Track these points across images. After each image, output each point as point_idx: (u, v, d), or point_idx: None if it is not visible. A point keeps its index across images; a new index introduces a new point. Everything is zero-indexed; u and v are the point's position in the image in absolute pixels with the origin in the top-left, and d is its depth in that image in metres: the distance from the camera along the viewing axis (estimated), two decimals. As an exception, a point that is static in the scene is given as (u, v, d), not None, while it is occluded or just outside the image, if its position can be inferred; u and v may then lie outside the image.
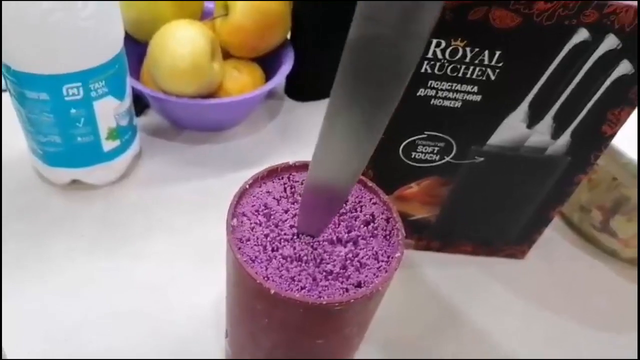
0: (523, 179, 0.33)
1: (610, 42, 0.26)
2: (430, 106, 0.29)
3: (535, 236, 0.38)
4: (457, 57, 0.27)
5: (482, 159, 0.32)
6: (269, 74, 0.46)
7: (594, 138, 0.31)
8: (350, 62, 0.17)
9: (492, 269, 0.39)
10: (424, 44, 0.16)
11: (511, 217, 0.36)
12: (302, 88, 0.50)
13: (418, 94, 0.28)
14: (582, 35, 0.26)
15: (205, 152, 0.44)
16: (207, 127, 0.45)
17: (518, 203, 0.35)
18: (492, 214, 0.36)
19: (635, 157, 0.34)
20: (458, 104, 0.29)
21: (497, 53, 0.27)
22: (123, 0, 0.40)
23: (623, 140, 0.34)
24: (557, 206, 0.35)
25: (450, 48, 0.26)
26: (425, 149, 0.32)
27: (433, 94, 0.29)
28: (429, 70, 0.27)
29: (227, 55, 0.44)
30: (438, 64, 0.27)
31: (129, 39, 0.42)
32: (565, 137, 0.31)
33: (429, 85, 0.28)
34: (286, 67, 0.44)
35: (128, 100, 0.37)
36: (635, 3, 0.25)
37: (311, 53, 0.48)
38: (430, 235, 0.38)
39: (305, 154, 0.46)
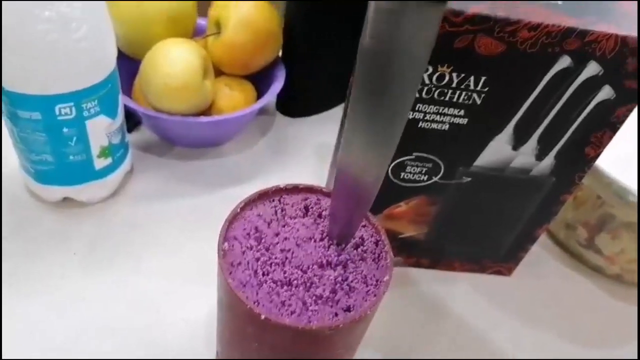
0: (509, 198, 0.34)
1: (592, 68, 0.27)
2: (418, 129, 0.30)
3: (521, 254, 0.38)
4: (444, 82, 0.27)
5: (469, 179, 0.33)
6: (260, 91, 0.46)
7: (577, 159, 0.31)
8: (361, 74, 0.19)
9: (480, 285, 0.39)
10: (428, 51, 0.18)
11: (498, 236, 0.37)
12: (293, 104, 0.51)
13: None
14: (564, 62, 0.26)
15: (197, 168, 0.44)
16: (199, 143, 0.45)
17: (505, 222, 0.35)
18: (479, 232, 0.36)
19: (618, 177, 0.35)
20: (445, 127, 0.30)
21: (483, 78, 0.27)
22: (116, 19, 0.41)
23: (606, 160, 0.35)
24: (543, 225, 0.36)
25: (437, 74, 0.27)
26: (414, 170, 0.32)
27: (421, 117, 0.29)
28: (417, 95, 0.28)
29: (219, 72, 0.45)
30: (425, 88, 0.28)
31: (122, 56, 0.43)
32: (549, 159, 0.31)
33: (417, 108, 0.29)
34: (277, 85, 0.45)
35: (120, 118, 0.37)
36: (617, 31, 0.26)
37: (302, 70, 0.48)
38: (419, 252, 0.38)
39: (296, 170, 0.47)
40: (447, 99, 0.28)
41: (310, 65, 0.48)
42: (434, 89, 0.28)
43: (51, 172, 0.36)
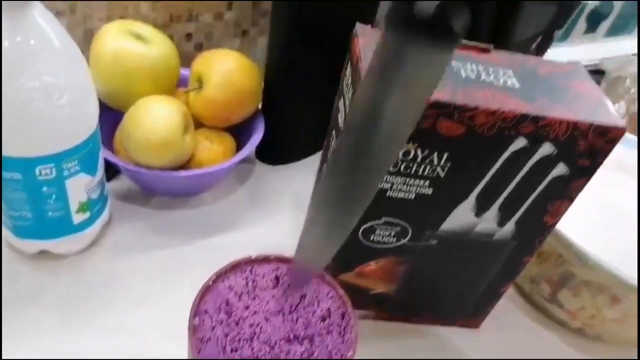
0: (474, 259, 0.35)
1: (547, 148, 0.29)
2: (386, 197, 0.31)
3: (488, 309, 0.40)
4: (410, 157, 0.29)
5: (435, 241, 0.34)
6: (240, 141, 0.48)
7: (537, 226, 0.33)
8: (343, 148, 0.20)
9: (449, 337, 0.40)
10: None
11: (464, 293, 0.38)
12: (273, 153, 0.52)
13: (375, 187, 0.31)
14: (520, 142, 0.28)
15: (176, 218, 0.45)
16: (179, 194, 0.46)
17: (471, 280, 0.37)
18: (446, 290, 0.38)
19: (577, 240, 0.37)
20: (412, 196, 0.31)
21: (445, 154, 0.29)
22: (98, 76, 0.42)
23: (567, 223, 0.37)
24: (507, 283, 0.37)
25: (404, 149, 0.29)
26: (383, 233, 0.34)
27: (389, 187, 0.31)
28: (384, 168, 0.30)
29: (199, 124, 0.46)
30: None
31: (104, 106, 0.44)
32: (510, 225, 0.33)
33: (385, 179, 0.30)
34: (257, 137, 0.46)
35: (100, 174, 0.38)
36: (569, 117, 0.28)
37: (282, 120, 0.50)
38: (390, 307, 0.39)
39: (275, 218, 0.48)
40: (412, 171, 0.30)
41: (289, 115, 0.50)
42: (400, 162, 0.29)
43: (29, 227, 0.36)
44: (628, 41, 0.89)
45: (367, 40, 0.30)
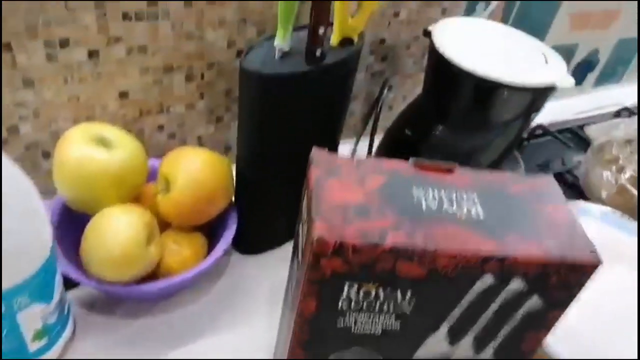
0: (453, 383, 0.33)
1: (516, 285, 0.27)
2: (352, 333, 0.29)
3: None
4: (372, 297, 0.27)
5: (411, 368, 0.32)
6: (213, 235, 0.46)
7: (516, 353, 0.31)
8: None
9: None
10: None
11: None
12: (248, 243, 0.50)
13: (338, 325, 0.29)
14: (487, 280, 0.26)
15: (144, 326, 0.43)
16: (147, 301, 0.44)
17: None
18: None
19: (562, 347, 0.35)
20: (378, 331, 0.29)
21: (409, 292, 0.27)
22: (62, 183, 0.41)
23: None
24: (492, 402, 0.35)
25: (363, 289, 0.27)
26: (353, 363, 0.31)
27: (353, 324, 0.29)
28: (345, 307, 0.28)
29: (168, 224, 0.44)
30: (353, 302, 0.27)
31: (70, 210, 0.42)
32: (489, 351, 0.31)
33: (347, 316, 0.28)
34: (229, 233, 0.45)
35: (57, 297, 0.36)
36: (539, 255, 0.26)
37: (255, 209, 0.48)
38: None
39: (250, 317, 0.45)
40: (377, 309, 0.28)
41: (263, 203, 0.48)
42: (362, 301, 0.28)
43: (-18, 360, 0.34)
44: (616, 90, 0.88)
45: (321, 173, 0.28)
